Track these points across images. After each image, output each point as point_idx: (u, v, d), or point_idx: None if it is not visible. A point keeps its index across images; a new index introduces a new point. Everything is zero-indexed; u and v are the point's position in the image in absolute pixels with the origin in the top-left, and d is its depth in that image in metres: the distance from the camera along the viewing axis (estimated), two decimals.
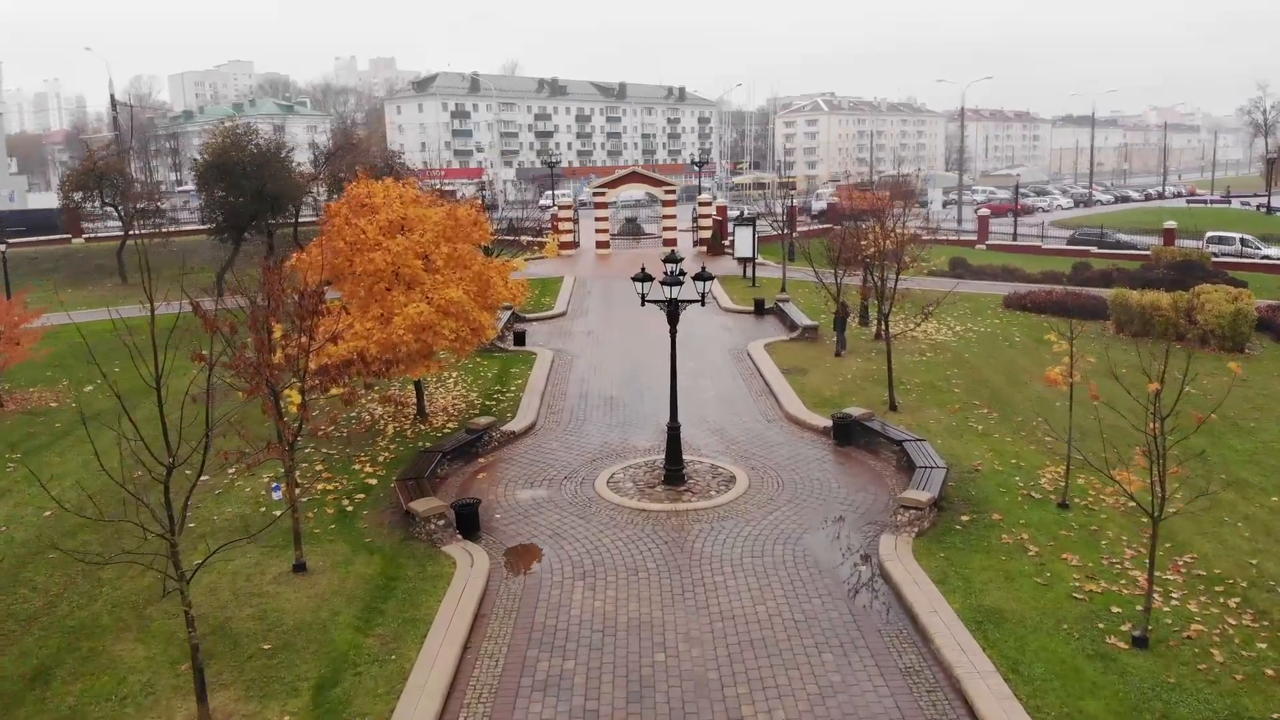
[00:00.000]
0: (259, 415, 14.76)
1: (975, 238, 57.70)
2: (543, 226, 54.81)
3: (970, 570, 13.62)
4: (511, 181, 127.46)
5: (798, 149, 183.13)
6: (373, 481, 17.76)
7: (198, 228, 48.86)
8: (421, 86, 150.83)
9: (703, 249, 50.77)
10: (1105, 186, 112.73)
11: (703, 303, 17.23)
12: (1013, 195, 76.02)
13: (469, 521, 15.03)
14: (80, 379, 25.78)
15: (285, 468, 13.95)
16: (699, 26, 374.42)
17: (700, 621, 12.30)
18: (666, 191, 53.55)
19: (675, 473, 17.18)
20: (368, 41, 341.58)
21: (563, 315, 34.29)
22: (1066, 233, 60.12)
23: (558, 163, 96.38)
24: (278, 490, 15.07)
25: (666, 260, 17.12)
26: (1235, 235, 51.34)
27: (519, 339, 29.25)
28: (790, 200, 50.99)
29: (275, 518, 15.17)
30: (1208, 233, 52.32)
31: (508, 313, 30.10)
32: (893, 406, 21.56)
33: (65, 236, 52.36)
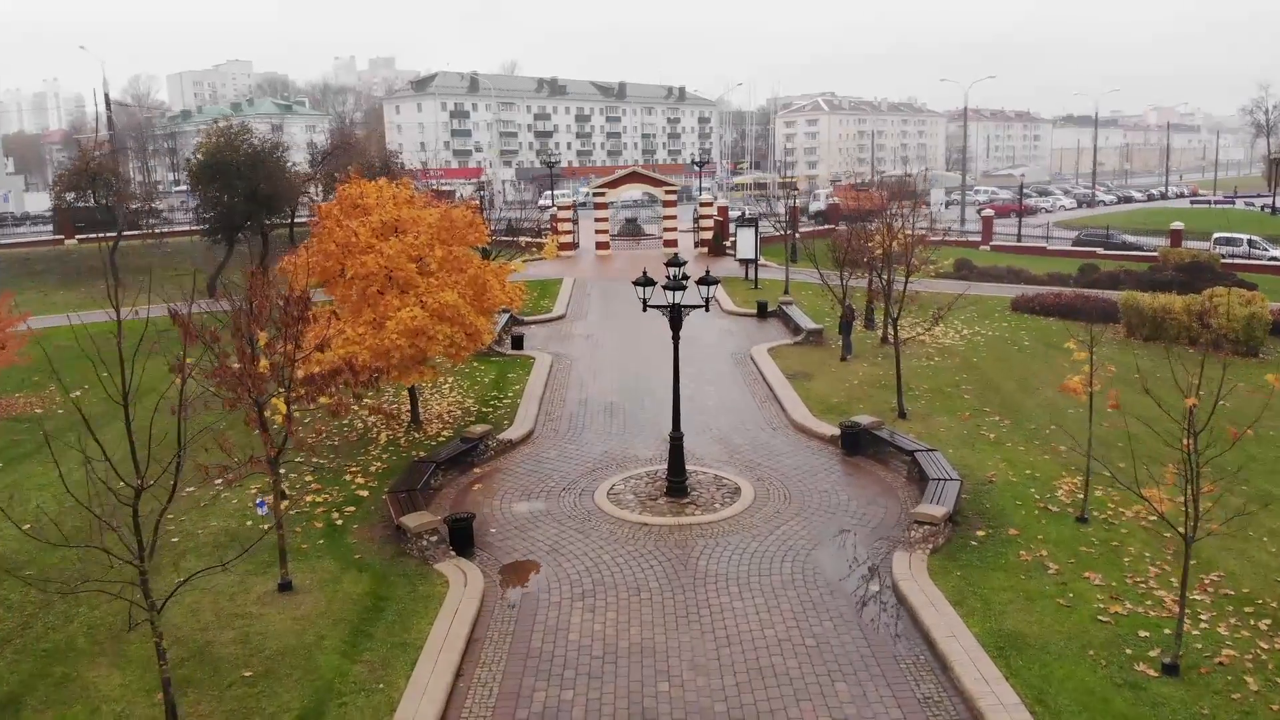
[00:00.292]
0: (244, 426, 14.12)
1: (979, 239, 57.08)
2: (542, 227, 54.15)
3: (989, 590, 12.99)
4: (510, 181, 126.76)
5: (798, 149, 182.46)
6: (364, 493, 17.13)
7: (191, 228, 48.12)
8: (420, 86, 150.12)
9: (704, 250, 50.12)
10: (1107, 187, 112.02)
11: (706, 308, 16.60)
12: (1017, 195, 75.49)
13: (463, 537, 14.40)
14: (71, 382, 25.08)
15: (271, 481, 13.33)
16: (699, 26, 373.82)
17: (706, 647, 11.66)
18: (667, 192, 52.93)
19: (678, 485, 16.54)
20: (367, 41, 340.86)
21: (562, 318, 33.66)
22: (1071, 233, 59.50)
23: (557, 163, 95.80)
24: (263, 506, 14.44)
25: (669, 264, 16.47)
26: (1243, 236, 50.71)
27: (517, 343, 28.62)
28: (793, 200, 50.26)
29: (263, 532, 14.53)
30: (1215, 234, 51.69)
31: (505, 316, 29.47)
32: (901, 414, 20.93)
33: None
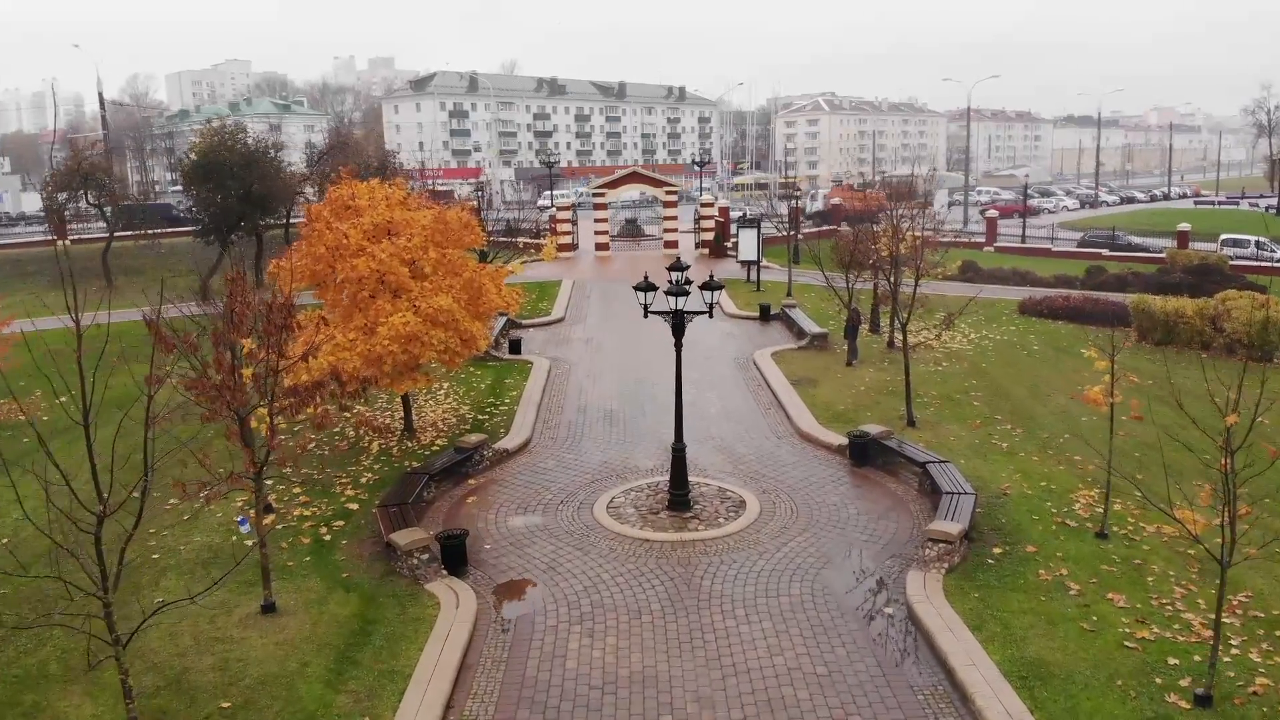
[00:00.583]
0: (227, 438, 13.43)
1: (983, 240, 56.44)
2: (541, 228, 53.47)
3: (1008, 613, 12.34)
4: (509, 181, 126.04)
5: (799, 149, 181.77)
6: (354, 506, 16.47)
7: (184, 229, 47.44)
8: (419, 86, 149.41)
9: (705, 251, 49.46)
10: (1110, 187, 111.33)
11: (710, 314, 15.94)
12: (1019, 196, 74.84)
13: (455, 555, 13.74)
14: (60, 387, 24.39)
15: (254, 497, 12.68)
16: (699, 26, 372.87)
17: (711, 677, 11.01)
18: (667, 192, 52.27)
19: (680, 498, 15.89)
20: (367, 41, 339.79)
21: (560, 321, 33.01)
22: (1075, 235, 58.83)
23: (556, 162, 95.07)
24: (244, 523, 13.79)
25: (671, 268, 15.82)
26: (1250, 238, 50.01)
27: (514, 347, 27.96)
28: (795, 201, 49.57)
29: (247, 550, 13.89)
30: (1222, 235, 51.04)
31: (503, 319, 28.83)
32: (910, 422, 20.28)
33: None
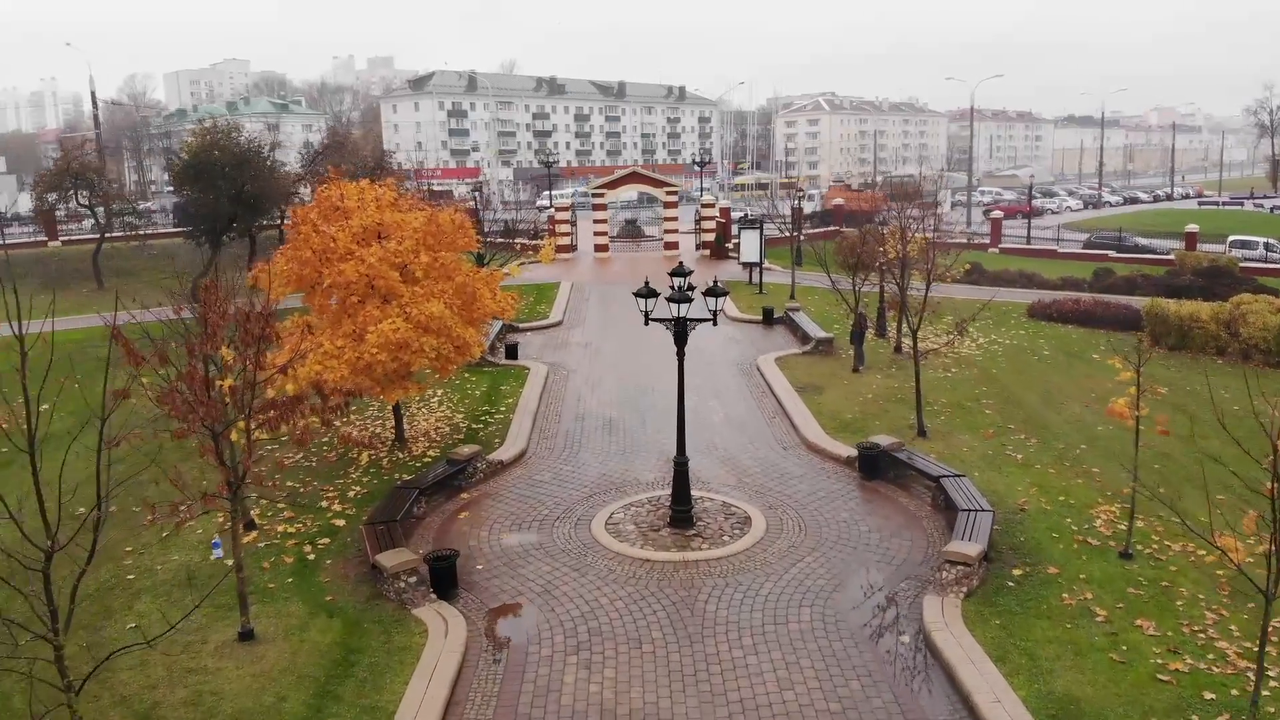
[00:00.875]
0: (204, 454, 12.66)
1: (987, 241, 55.64)
2: (539, 229, 52.66)
3: (1033, 643, 11.59)
4: (505, 182, 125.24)
5: (799, 149, 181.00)
6: (340, 522, 15.72)
7: (175, 230, 46.70)
8: (418, 85, 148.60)
9: (706, 252, 48.70)
10: (1112, 188, 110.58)
11: (714, 321, 15.19)
12: (1024, 196, 74.08)
13: (445, 578, 12.99)
14: (45, 394, 23.65)
15: (231, 517, 11.94)
16: (699, 26, 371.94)
17: (718, 715, 10.25)
18: (668, 193, 51.50)
19: (683, 514, 15.13)
20: (367, 41, 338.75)
21: (558, 325, 32.26)
22: (1080, 235, 58.03)
23: (555, 162, 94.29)
24: (218, 547, 13.05)
25: (673, 273, 15.07)
26: (1259, 239, 49.29)
27: (511, 352, 27.21)
28: (798, 201, 48.77)
29: (224, 572, 13.17)
30: (1230, 237, 50.29)
31: (499, 323, 28.05)
32: (921, 432, 19.53)
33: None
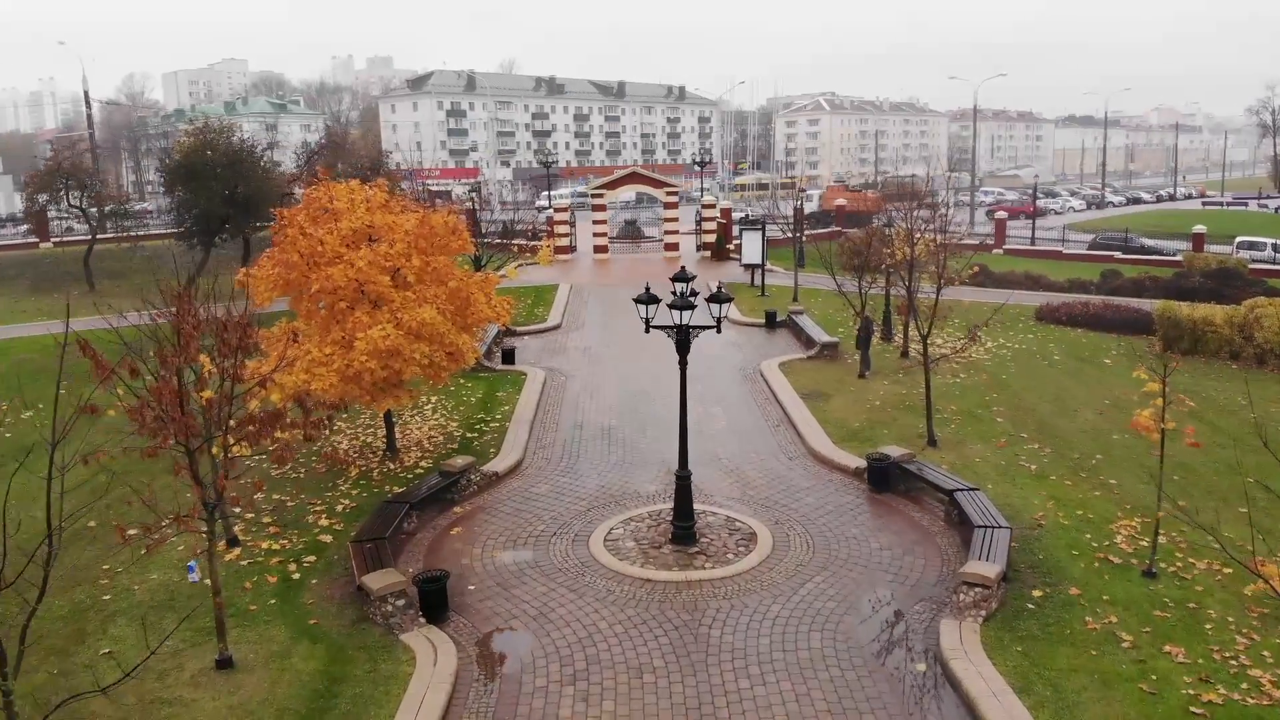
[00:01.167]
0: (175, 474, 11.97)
1: (991, 242, 54.95)
2: (538, 230, 51.98)
3: (1057, 672, 10.93)
4: (503, 182, 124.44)
5: (799, 149, 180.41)
6: (327, 539, 15.05)
7: (167, 231, 46.01)
8: (416, 85, 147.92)
9: (706, 254, 48.02)
10: (1114, 188, 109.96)
11: (718, 329, 14.52)
12: (1026, 197, 73.43)
13: (435, 600, 12.32)
14: (32, 399, 22.95)
15: (209, 537, 11.27)
16: (699, 26, 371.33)
17: None
18: (668, 193, 50.81)
19: (685, 531, 14.48)
20: (367, 42, 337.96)
21: (557, 328, 31.57)
22: (1085, 236, 57.32)
23: (554, 162, 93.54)
24: (193, 570, 12.39)
25: (675, 279, 14.41)
26: (1266, 240, 48.61)
27: (507, 357, 26.55)
28: (801, 201, 48.07)
29: (202, 596, 12.50)
30: (1237, 238, 49.63)
31: (495, 327, 27.34)
32: (931, 441, 18.88)
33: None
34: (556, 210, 51.99)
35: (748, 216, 52.54)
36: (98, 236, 43.80)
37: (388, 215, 17.62)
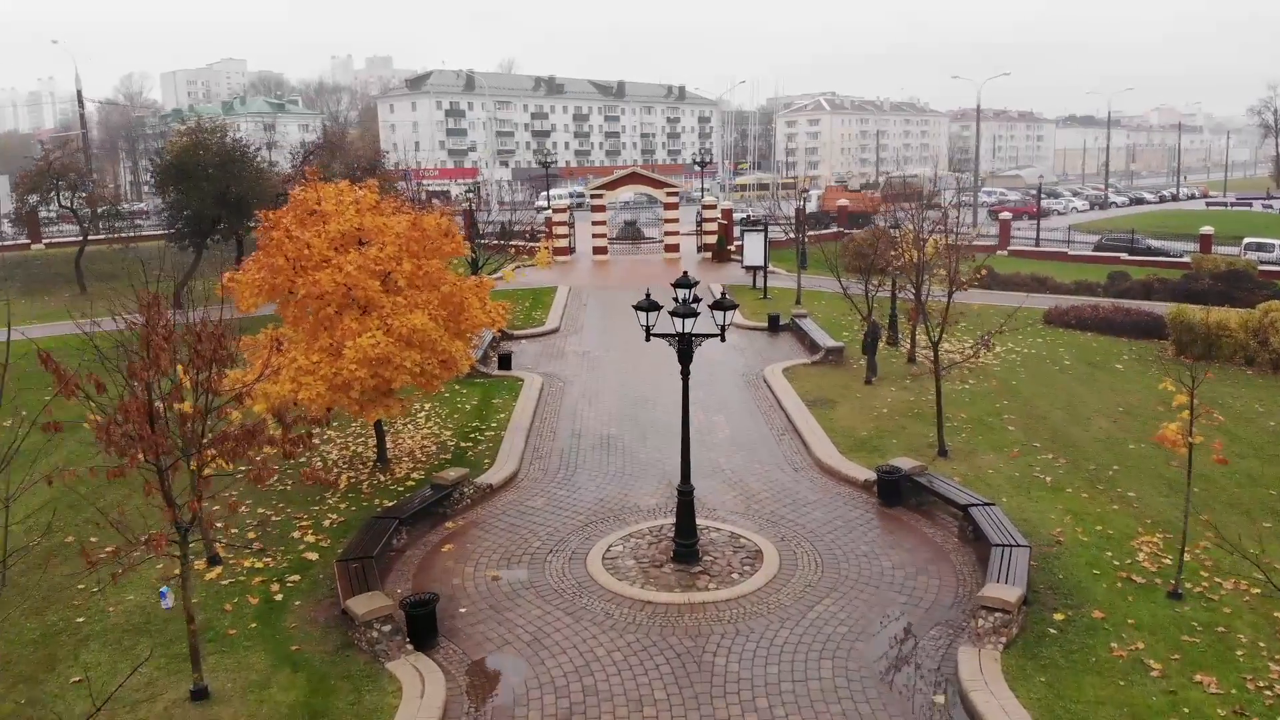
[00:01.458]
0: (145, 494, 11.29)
1: (995, 243, 54.26)
2: (537, 230, 51.30)
3: (1084, 704, 10.28)
4: (505, 181, 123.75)
5: (800, 149, 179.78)
6: (313, 556, 14.38)
7: (159, 232, 45.33)
8: (415, 84, 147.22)
9: (707, 255, 47.36)
10: (1117, 188, 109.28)
11: (722, 337, 13.86)
12: (1029, 197, 72.81)
13: (423, 626, 11.66)
14: (19, 404, 22.26)
15: (181, 561, 10.61)
16: (699, 26, 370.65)
17: None
18: (668, 193, 50.16)
19: (687, 549, 13.81)
20: (368, 42, 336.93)
21: (555, 332, 30.89)
22: (1090, 237, 56.59)
23: (553, 162, 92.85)
24: (165, 597, 11.73)
25: (677, 284, 13.75)
26: (1274, 241, 47.94)
27: (504, 361, 25.87)
28: (803, 201, 47.33)
29: (183, 622, 11.83)
30: (1245, 239, 48.97)
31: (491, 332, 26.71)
32: (942, 451, 18.24)
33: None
34: (555, 211, 51.31)
35: (749, 217, 51.86)
36: (89, 238, 43.12)
37: (378, 217, 16.97)
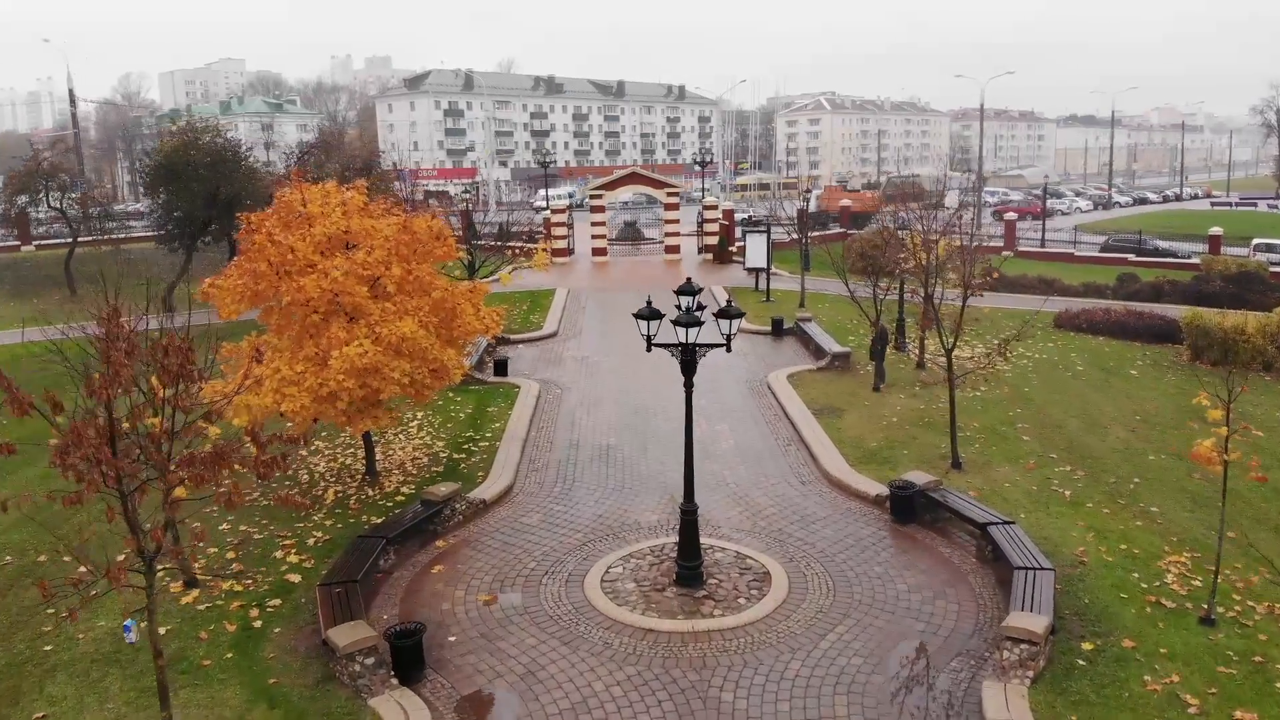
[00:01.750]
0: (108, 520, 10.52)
1: (1000, 244, 53.49)
2: (535, 231, 50.52)
3: None
4: (504, 181, 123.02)
5: (800, 149, 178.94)
6: (295, 578, 13.63)
7: (149, 234, 44.57)
8: (414, 84, 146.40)
9: (708, 256, 46.61)
10: (1120, 188, 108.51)
11: (728, 347, 13.11)
12: (1031, 197, 72.11)
13: (409, 658, 10.91)
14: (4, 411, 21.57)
15: (147, 592, 9.85)
16: (699, 26, 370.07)
17: None
18: (668, 194, 49.43)
19: (691, 571, 13.07)
20: (368, 42, 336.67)
21: (553, 336, 30.12)
22: (1096, 238, 55.77)
23: (552, 162, 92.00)
24: (129, 630, 10.98)
25: (679, 292, 13.01)
26: None
27: (500, 367, 25.10)
28: (805, 201, 46.54)
29: (149, 654, 11.08)
30: (1255, 239, 48.21)
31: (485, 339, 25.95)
32: (956, 463, 17.49)
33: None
34: (554, 211, 50.54)
35: (750, 218, 51.13)
36: (79, 239, 42.39)
37: (366, 220, 16.23)
